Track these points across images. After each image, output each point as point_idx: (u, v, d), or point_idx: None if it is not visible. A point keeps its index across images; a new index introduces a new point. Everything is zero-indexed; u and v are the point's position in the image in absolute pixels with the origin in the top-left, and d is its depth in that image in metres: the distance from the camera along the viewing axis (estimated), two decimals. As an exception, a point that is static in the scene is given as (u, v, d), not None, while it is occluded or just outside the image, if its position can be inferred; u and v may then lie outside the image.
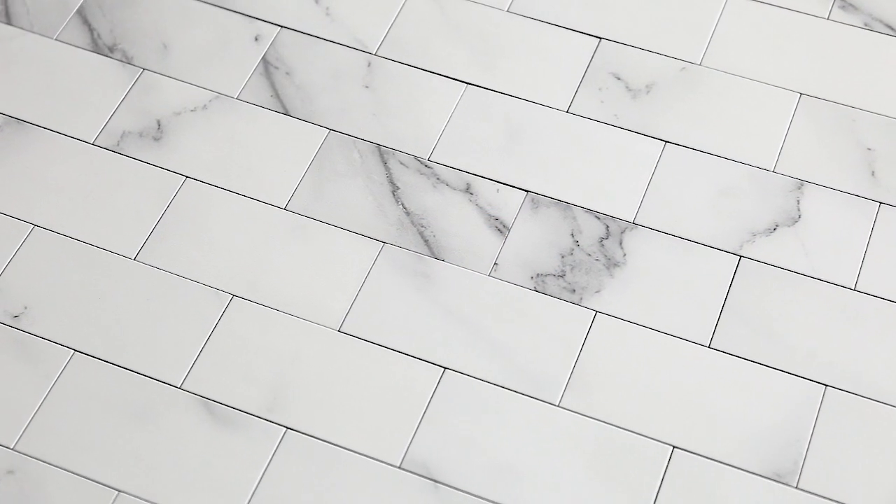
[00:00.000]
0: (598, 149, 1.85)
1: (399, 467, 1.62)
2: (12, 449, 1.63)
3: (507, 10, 1.98)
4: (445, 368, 1.68)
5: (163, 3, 2.00)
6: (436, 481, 1.60)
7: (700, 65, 1.92)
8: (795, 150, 1.83)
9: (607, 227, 1.78)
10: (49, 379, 1.68)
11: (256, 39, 1.96)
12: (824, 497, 1.58)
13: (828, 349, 1.68)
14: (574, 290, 1.73)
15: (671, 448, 1.62)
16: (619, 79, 1.91)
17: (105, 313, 1.73)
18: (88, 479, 1.61)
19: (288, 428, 1.64)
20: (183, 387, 1.67)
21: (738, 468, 1.60)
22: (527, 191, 1.82)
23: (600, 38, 1.95)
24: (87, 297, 1.74)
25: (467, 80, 1.92)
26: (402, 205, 1.81)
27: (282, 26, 1.97)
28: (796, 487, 1.59)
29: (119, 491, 1.60)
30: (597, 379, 1.67)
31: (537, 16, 1.97)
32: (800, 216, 1.78)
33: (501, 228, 1.79)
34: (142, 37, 1.97)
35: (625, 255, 1.76)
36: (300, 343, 1.70)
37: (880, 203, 1.79)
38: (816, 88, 1.89)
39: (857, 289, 1.72)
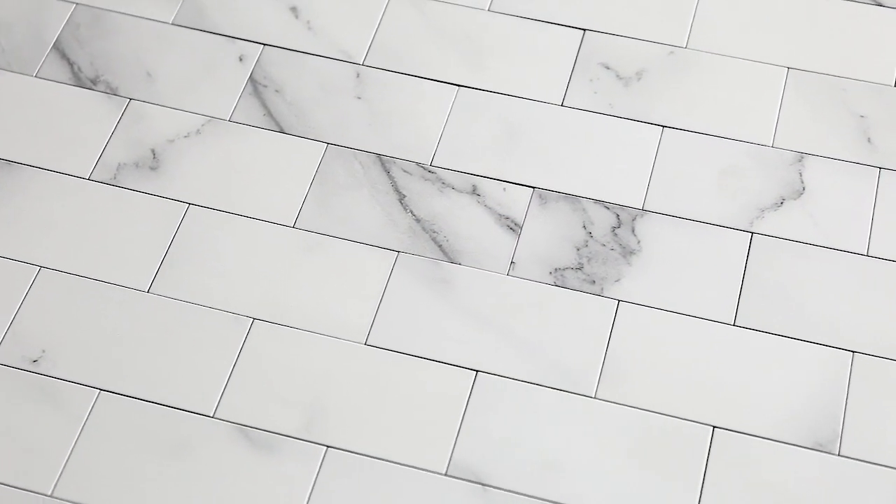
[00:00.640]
0: (597, 139, 1.86)
1: (445, 474, 1.61)
2: (50, 496, 1.60)
3: (488, 10, 1.98)
4: (478, 371, 1.68)
5: (140, 31, 1.97)
6: (484, 484, 1.60)
7: (686, 48, 1.94)
8: (791, 124, 1.86)
9: (618, 215, 1.79)
10: (78, 421, 1.65)
11: (241, 59, 1.94)
12: (867, 462, 1.60)
13: (850, 316, 1.70)
14: (594, 282, 1.74)
15: (711, 428, 1.63)
16: (608, 68, 1.92)
17: (125, 349, 1.70)
18: (132, 518, 1.59)
19: (328, 446, 1.63)
20: (216, 416, 1.65)
21: (780, 441, 1.62)
22: (533, 187, 1.82)
23: (584, 29, 1.96)
24: (105, 334, 1.71)
25: (458, 83, 1.91)
26: (411, 212, 1.80)
27: (264, 44, 1.96)
28: (839, 455, 1.61)
29: (165, 527, 1.58)
30: (629, 367, 1.68)
31: (519, 13, 1.98)
32: (804, 188, 1.81)
33: (513, 227, 1.79)
34: (124, 66, 1.94)
35: (639, 241, 1.77)
36: (328, 360, 1.69)
37: (880, 168, 1.82)
38: (803, 61, 1.91)
39: (869, 254, 1.75)
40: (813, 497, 1.58)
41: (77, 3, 1.99)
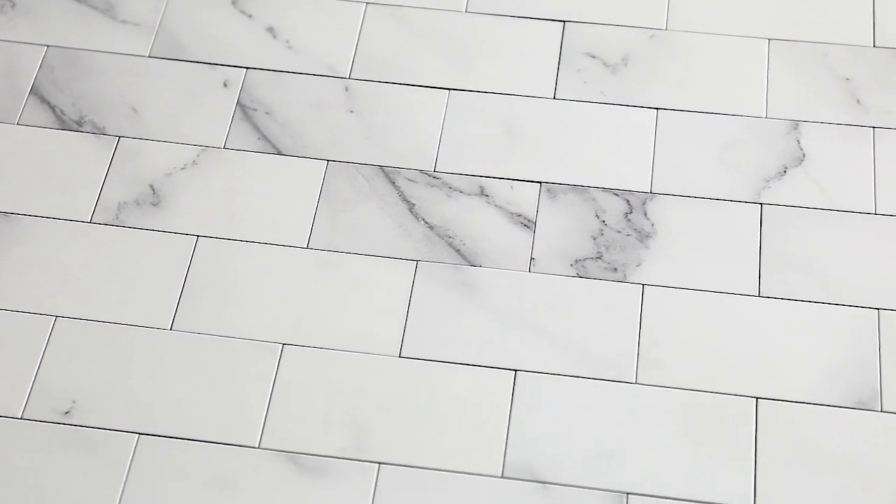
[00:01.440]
0: (595, 128, 1.87)
1: (502, 476, 1.61)
2: (106, 547, 1.57)
3: (466, 11, 1.98)
4: (516, 371, 1.68)
5: (119, 67, 1.93)
6: (542, 482, 1.60)
7: (666, 29, 1.96)
8: (781, 94, 1.89)
9: (628, 201, 1.81)
10: (121, 469, 1.61)
11: (225, 85, 1.92)
12: (910, 414, 1.64)
13: (869, 274, 1.73)
14: (616, 269, 1.75)
15: (755, 400, 1.65)
16: (594, 57, 1.93)
17: (158, 389, 1.67)
18: (192, 559, 1.56)
19: (380, 463, 1.62)
20: (262, 446, 1.63)
21: (824, 405, 1.64)
22: (540, 182, 1.82)
23: (564, 21, 1.97)
24: (135, 377, 1.68)
25: (448, 87, 1.91)
26: (423, 220, 1.80)
27: (247, 67, 1.93)
28: (882, 411, 1.64)
29: (228, 564, 1.56)
30: (663, 349, 1.69)
31: (497, 11, 1.98)
32: (804, 155, 1.84)
33: (527, 223, 1.79)
34: (107, 104, 1.90)
35: (653, 224, 1.79)
36: (365, 377, 1.68)
37: (874, 128, 1.85)
38: (782, 31, 1.94)
39: (877, 212, 1.78)
40: (863, 454, 1.61)
41: (48, 46, 1.95)
